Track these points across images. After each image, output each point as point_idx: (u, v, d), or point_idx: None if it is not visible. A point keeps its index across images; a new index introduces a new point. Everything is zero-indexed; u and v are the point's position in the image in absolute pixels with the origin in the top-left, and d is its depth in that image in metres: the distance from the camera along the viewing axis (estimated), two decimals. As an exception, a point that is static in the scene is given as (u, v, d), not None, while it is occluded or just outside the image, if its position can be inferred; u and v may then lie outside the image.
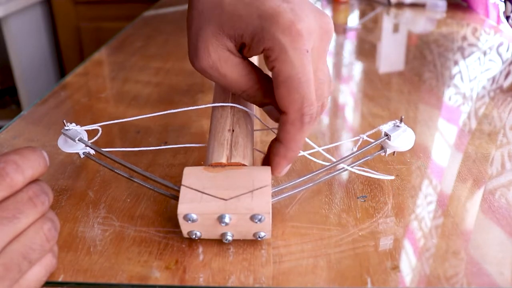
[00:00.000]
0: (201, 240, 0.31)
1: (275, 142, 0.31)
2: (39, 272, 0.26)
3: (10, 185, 0.24)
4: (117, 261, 0.29)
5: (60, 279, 0.28)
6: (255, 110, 0.38)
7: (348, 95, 0.57)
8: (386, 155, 0.35)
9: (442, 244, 0.30)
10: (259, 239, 0.30)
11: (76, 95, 0.57)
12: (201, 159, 0.41)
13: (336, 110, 0.54)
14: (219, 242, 0.30)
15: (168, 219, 0.33)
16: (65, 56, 1.73)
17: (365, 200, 0.35)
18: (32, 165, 0.25)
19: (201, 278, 0.28)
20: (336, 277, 0.28)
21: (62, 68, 1.76)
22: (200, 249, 0.30)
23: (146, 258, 0.29)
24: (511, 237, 0.31)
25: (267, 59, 0.29)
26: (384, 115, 0.49)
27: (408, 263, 0.29)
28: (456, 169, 0.39)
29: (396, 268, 0.28)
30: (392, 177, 0.37)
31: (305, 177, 0.32)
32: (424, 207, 0.34)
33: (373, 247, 0.30)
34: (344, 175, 0.38)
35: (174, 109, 0.37)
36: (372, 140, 0.35)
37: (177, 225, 0.32)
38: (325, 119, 0.50)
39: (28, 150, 0.26)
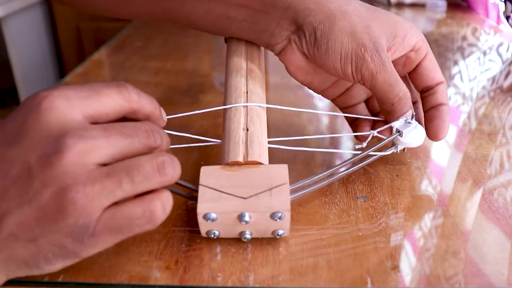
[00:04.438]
0: (201, 240, 0.31)
1: (442, 106, 0.37)
2: (134, 210, 0.25)
3: (129, 98, 0.27)
4: (117, 261, 0.29)
5: (60, 279, 0.28)
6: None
7: (348, 95, 0.57)
8: (398, 151, 0.36)
9: (442, 244, 0.30)
10: (277, 237, 0.30)
11: (76, 95, 0.57)
12: (201, 159, 0.41)
13: (336, 110, 0.54)
14: (219, 242, 0.30)
15: (168, 219, 0.33)
16: (65, 56, 1.73)
17: (365, 200, 0.35)
18: (147, 98, 0.28)
19: (201, 278, 0.28)
20: (336, 277, 0.28)
21: (62, 68, 1.76)
22: (200, 249, 0.30)
23: (146, 258, 0.29)
24: (511, 237, 0.31)
25: (419, 49, 0.36)
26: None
27: (408, 263, 0.29)
28: (456, 169, 0.39)
29: (396, 268, 0.28)
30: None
31: (321, 174, 0.32)
32: (424, 207, 0.34)
33: (373, 247, 0.30)
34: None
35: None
36: (384, 137, 0.35)
37: (177, 225, 0.32)
38: (325, 119, 0.50)
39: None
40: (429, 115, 0.37)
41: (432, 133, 0.36)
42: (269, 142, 0.34)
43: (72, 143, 0.23)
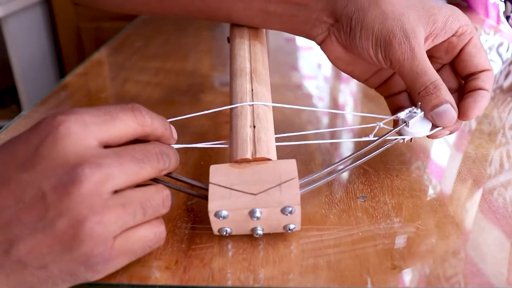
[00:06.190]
0: (201, 240, 0.31)
1: (480, 91, 0.35)
2: (147, 234, 0.27)
3: (143, 123, 0.27)
4: (117, 261, 0.29)
5: (60, 279, 0.28)
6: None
7: (348, 95, 0.57)
8: (405, 141, 0.36)
9: (442, 244, 0.30)
10: (289, 231, 0.30)
11: (76, 95, 0.57)
12: (202, 159, 0.41)
13: (338, 109, 0.54)
14: (219, 242, 0.31)
15: (168, 219, 0.33)
16: (65, 56, 1.73)
17: (365, 200, 0.35)
18: (159, 120, 0.29)
19: (201, 278, 0.28)
20: (336, 277, 0.28)
21: (62, 68, 1.76)
22: (200, 249, 0.30)
23: (146, 258, 0.29)
24: (511, 237, 0.31)
25: (462, 34, 0.35)
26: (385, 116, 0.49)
27: (408, 263, 0.29)
28: (456, 169, 0.39)
29: (396, 268, 0.28)
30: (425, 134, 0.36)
31: (329, 168, 0.32)
32: (424, 207, 0.34)
33: (373, 247, 0.30)
34: (344, 175, 0.38)
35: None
36: (390, 128, 0.35)
37: (177, 225, 0.32)
38: (324, 119, 0.50)
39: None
40: (465, 96, 0.36)
41: (461, 111, 0.35)
42: (276, 139, 0.34)
43: (90, 173, 0.23)
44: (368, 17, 0.34)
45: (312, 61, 0.70)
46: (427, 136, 0.36)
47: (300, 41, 0.80)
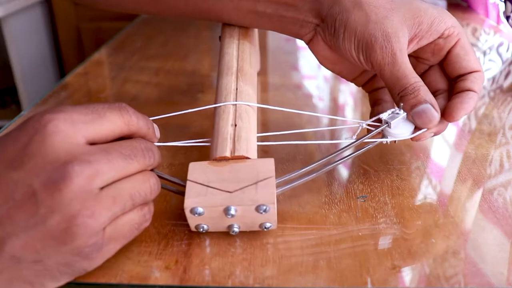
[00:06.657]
0: (200, 240, 0.31)
1: (468, 93, 0.35)
2: (133, 219, 0.27)
3: (129, 122, 0.28)
4: (117, 261, 0.29)
5: (60, 279, 0.28)
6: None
7: (348, 95, 0.57)
8: (388, 143, 0.35)
9: (442, 244, 0.30)
10: (265, 229, 0.30)
11: (76, 95, 0.57)
12: (201, 158, 0.41)
13: (336, 110, 0.54)
14: (219, 242, 0.31)
15: (168, 218, 0.33)
16: (65, 56, 1.73)
17: (365, 200, 0.35)
18: (143, 120, 0.29)
19: (201, 278, 0.28)
20: (336, 277, 0.28)
21: (62, 68, 1.76)
22: (200, 249, 0.30)
23: (146, 258, 0.29)
24: (511, 237, 0.31)
25: (448, 36, 0.35)
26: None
27: (408, 263, 0.29)
28: (456, 169, 0.39)
29: (396, 268, 0.28)
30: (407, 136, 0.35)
31: (307, 168, 0.32)
32: (424, 207, 0.34)
33: (373, 247, 0.30)
34: (344, 175, 0.38)
35: (174, 109, 0.37)
36: (373, 129, 0.35)
37: (177, 225, 0.32)
38: (324, 119, 0.50)
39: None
40: (452, 97, 0.35)
41: (447, 112, 0.34)
42: (260, 138, 0.34)
43: (80, 169, 0.24)
44: (351, 19, 0.34)
45: (312, 61, 0.70)
46: (411, 139, 0.35)
47: (300, 41, 0.79)
